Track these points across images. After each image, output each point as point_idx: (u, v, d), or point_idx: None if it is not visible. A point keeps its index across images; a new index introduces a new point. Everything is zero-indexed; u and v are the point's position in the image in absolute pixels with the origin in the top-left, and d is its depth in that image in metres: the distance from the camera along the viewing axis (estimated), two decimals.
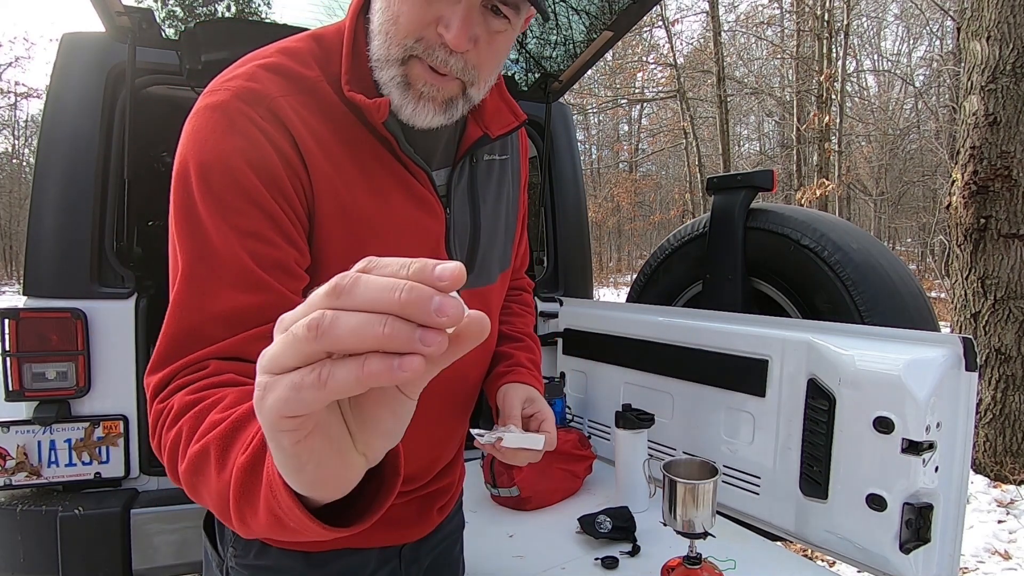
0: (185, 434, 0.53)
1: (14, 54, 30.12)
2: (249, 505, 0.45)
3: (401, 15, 0.66)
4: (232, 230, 0.63)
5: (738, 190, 1.76)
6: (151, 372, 0.61)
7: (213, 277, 0.62)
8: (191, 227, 0.64)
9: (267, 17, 2.07)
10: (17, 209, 22.78)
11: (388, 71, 0.69)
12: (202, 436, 0.51)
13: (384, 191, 0.73)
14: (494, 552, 1.34)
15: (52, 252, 1.65)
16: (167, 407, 0.57)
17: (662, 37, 15.10)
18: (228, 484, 0.46)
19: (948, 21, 13.61)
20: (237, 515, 0.47)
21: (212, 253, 0.63)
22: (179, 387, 0.58)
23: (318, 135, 0.69)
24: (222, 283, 0.62)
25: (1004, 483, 3.51)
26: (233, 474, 0.45)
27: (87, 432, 1.64)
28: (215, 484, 0.48)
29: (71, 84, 1.72)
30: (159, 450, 0.58)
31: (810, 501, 1.26)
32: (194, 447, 0.51)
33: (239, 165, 0.64)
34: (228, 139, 0.65)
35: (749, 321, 1.46)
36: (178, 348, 0.61)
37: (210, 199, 0.64)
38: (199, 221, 0.63)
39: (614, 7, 1.86)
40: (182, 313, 0.62)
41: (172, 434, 0.54)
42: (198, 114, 0.67)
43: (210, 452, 0.49)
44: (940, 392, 1.09)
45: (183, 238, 0.64)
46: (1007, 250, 3.52)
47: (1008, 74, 3.50)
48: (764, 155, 20.71)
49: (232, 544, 0.80)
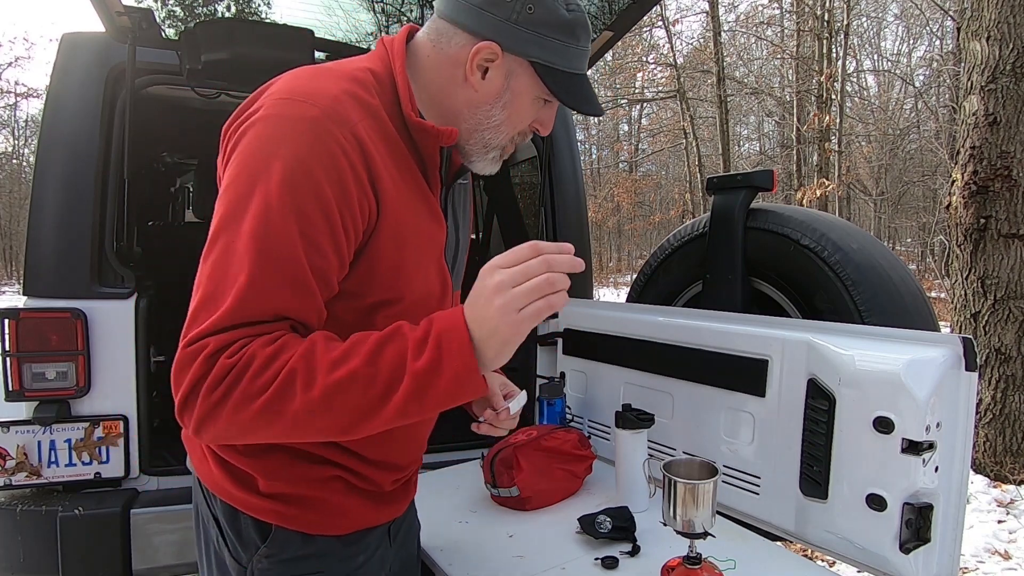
0: (303, 370, 0.67)
1: (14, 54, 30.17)
2: (417, 400, 0.68)
3: (521, 115, 0.88)
4: (300, 236, 0.72)
5: (738, 190, 1.76)
6: (206, 334, 0.69)
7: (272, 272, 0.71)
8: (262, 216, 0.71)
9: (267, 17, 2.07)
10: (17, 209, 22.77)
11: (497, 144, 0.91)
12: (335, 367, 0.67)
13: (418, 208, 0.85)
14: (494, 552, 1.35)
15: (52, 252, 1.65)
16: (243, 357, 0.68)
17: (662, 37, 15.11)
18: (392, 389, 0.68)
19: (948, 21, 13.61)
20: (397, 410, 0.68)
21: (275, 249, 0.71)
22: (246, 343, 0.69)
23: (384, 159, 0.79)
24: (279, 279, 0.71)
25: (1004, 483, 3.51)
26: (407, 380, 0.67)
27: (87, 432, 1.64)
28: (360, 398, 0.68)
29: (71, 84, 1.72)
30: (240, 396, 0.68)
31: (810, 501, 1.26)
32: (331, 376, 0.67)
33: (320, 178, 0.73)
34: (314, 152, 0.73)
35: (749, 321, 1.46)
36: (234, 316, 0.69)
37: (288, 200, 0.71)
38: (270, 215, 0.71)
39: (614, 7, 1.86)
40: (248, 292, 0.70)
41: (271, 374, 0.67)
42: (285, 121, 0.74)
43: (357, 376, 0.67)
44: (940, 392, 1.09)
45: (250, 220, 0.71)
46: (1007, 250, 3.52)
47: (1008, 74, 3.50)
48: (764, 155, 20.72)
49: (265, 544, 0.86)
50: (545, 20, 0.82)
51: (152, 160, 2.70)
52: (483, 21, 0.82)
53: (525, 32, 0.82)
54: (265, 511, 0.85)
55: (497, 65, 0.84)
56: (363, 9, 2.03)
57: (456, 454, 1.99)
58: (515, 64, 0.84)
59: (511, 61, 0.84)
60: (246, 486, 0.85)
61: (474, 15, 0.82)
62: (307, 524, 0.87)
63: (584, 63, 0.88)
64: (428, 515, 1.53)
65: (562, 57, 0.84)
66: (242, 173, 0.73)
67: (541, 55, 0.83)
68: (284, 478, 0.85)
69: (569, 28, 0.83)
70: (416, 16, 2.10)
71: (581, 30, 0.85)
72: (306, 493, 0.86)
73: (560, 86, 0.85)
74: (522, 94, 0.86)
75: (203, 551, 0.95)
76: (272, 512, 0.85)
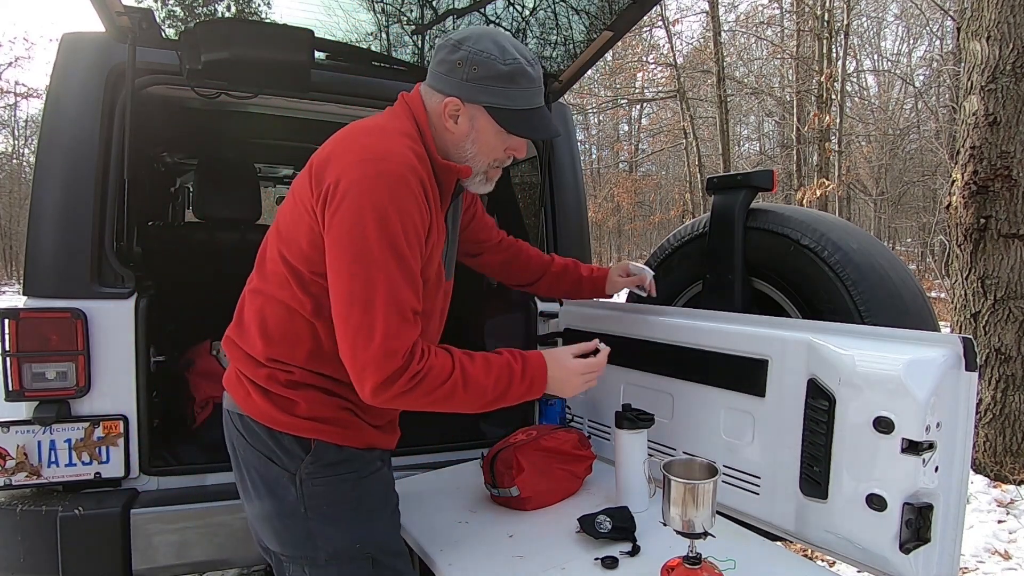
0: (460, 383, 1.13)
1: (14, 54, 30.07)
2: (511, 402, 1.21)
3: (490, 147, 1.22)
4: (401, 262, 1.08)
5: (738, 190, 1.76)
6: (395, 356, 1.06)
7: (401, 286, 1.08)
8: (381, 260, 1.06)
9: (267, 17, 2.06)
10: (17, 209, 22.75)
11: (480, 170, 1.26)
12: (488, 374, 1.17)
13: (437, 225, 1.20)
14: (494, 552, 1.35)
15: (52, 252, 1.65)
16: (425, 366, 1.09)
17: (662, 37, 15.11)
18: (504, 397, 1.19)
19: (948, 21, 13.61)
20: (499, 405, 1.20)
21: (390, 279, 1.07)
22: (423, 353, 1.10)
23: (430, 192, 1.15)
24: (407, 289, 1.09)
25: (1004, 483, 3.51)
26: (512, 395, 1.20)
27: (87, 432, 1.64)
28: (487, 399, 1.17)
29: (71, 84, 1.72)
30: (426, 390, 1.10)
31: (810, 501, 1.26)
32: (475, 386, 1.15)
33: (408, 223, 1.08)
34: (397, 202, 1.07)
35: (749, 321, 1.46)
36: (398, 335, 1.07)
37: (387, 244, 1.06)
38: (386, 258, 1.07)
39: (614, 7, 1.86)
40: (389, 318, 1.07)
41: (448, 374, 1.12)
42: (377, 178, 1.07)
43: (487, 389, 1.16)
44: (940, 392, 1.09)
45: (369, 267, 1.06)
46: (1007, 250, 3.52)
47: (1008, 74, 3.50)
48: (764, 155, 20.72)
49: (310, 454, 1.20)
50: (487, 75, 1.14)
51: (152, 160, 2.70)
52: (446, 83, 1.17)
53: (475, 86, 1.15)
54: (306, 429, 1.20)
55: (462, 113, 1.18)
56: (363, 9, 2.02)
57: (456, 454, 1.99)
58: (475, 110, 1.18)
59: (471, 108, 1.18)
60: (289, 412, 1.19)
61: (441, 80, 1.18)
62: (337, 437, 1.22)
63: (531, 100, 1.19)
64: (428, 515, 1.53)
65: (507, 99, 1.16)
66: (350, 223, 1.06)
67: (490, 100, 1.16)
68: (318, 405, 1.20)
69: (508, 77, 1.15)
70: (416, 16, 2.10)
71: (520, 77, 1.16)
72: (332, 415, 1.22)
73: (508, 121, 1.18)
74: (484, 130, 1.20)
75: (245, 476, 1.25)
76: (312, 429, 1.20)
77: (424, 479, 1.79)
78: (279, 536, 1.24)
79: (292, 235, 1.17)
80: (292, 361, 1.20)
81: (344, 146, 1.13)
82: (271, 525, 1.24)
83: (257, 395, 1.20)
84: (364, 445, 1.27)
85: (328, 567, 1.22)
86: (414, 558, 1.50)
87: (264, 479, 1.22)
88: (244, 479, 1.27)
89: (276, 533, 1.24)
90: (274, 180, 4.20)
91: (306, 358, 1.20)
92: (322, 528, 1.21)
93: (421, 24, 2.11)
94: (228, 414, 1.29)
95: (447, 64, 1.17)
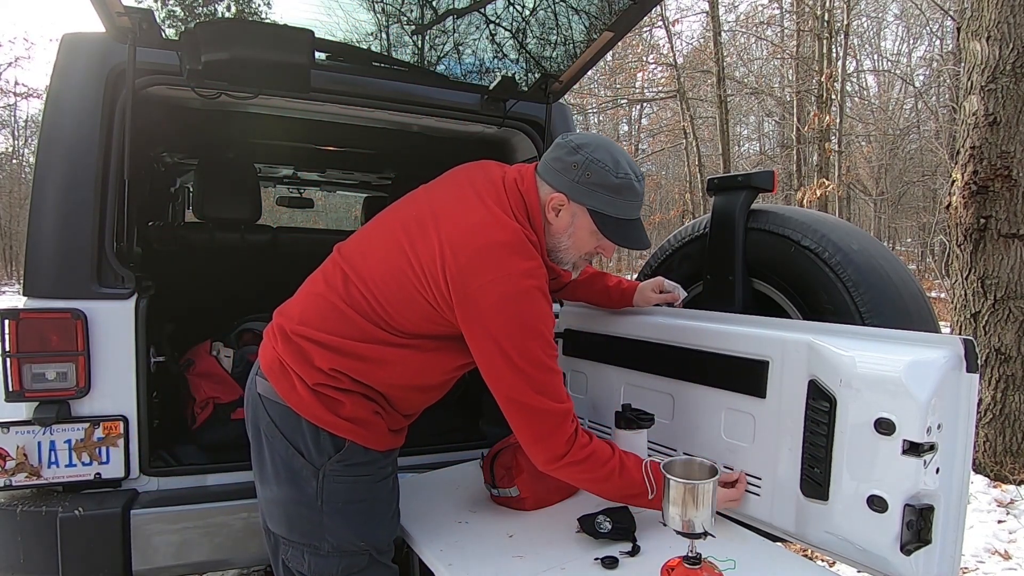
0: (617, 473, 1.29)
1: (14, 54, 30.12)
2: (635, 497, 1.33)
3: (583, 243, 1.35)
4: (548, 359, 1.25)
5: (738, 191, 1.75)
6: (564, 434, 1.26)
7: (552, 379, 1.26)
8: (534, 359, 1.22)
9: (267, 17, 2.06)
10: (17, 209, 22.73)
11: (570, 260, 1.38)
12: (635, 469, 1.32)
13: None
14: (494, 552, 1.35)
15: (52, 252, 1.65)
16: (588, 448, 1.28)
17: (662, 37, 15.09)
18: (640, 489, 1.31)
19: (948, 21, 13.61)
20: (631, 502, 1.36)
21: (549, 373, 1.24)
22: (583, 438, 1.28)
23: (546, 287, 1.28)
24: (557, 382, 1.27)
25: (1004, 483, 3.51)
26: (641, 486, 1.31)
27: (87, 432, 1.64)
28: (624, 494, 1.33)
29: (71, 84, 1.71)
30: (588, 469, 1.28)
31: (811, 502, 1.26)
32: (634, 473, 1.31)
33: (548, 324, 1.25)
34: (538, 307, 1.23)
35: (749, 322, 1.46)
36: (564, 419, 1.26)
37: (539, 341, 1.22)
38: (539, 356, 1.22)
39: (614, 7, 1.86)
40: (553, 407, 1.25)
41: (608, 461, 1.29)
42: (525, 294, 1.21)
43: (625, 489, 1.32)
44: (941, 393, 1.09)
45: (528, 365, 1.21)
46: (1007, 250, 3.51)
47: (1008, 74, 3.50)
48: (764, 155, 20.71)
49: (340, 453, 1.28)
50: (597, 182, 1.27)
51: (152, 160, 2.69)
52: (558, 180, 1.30)
53: (584, 189, 1.27)
54: (345, 429, 1.28)
55: (566, 208, 1.30)
56: (363, 9, 2.02)
57: (456, 454, 1.99)
58: (578, 208, 1.30)
59: (575, 206, 1.30)
60: (334, 411, 1.27)
61: (554, 176, 1.30)
62: (369, 440, 1.31)
63: (631, 212, 1.31)
64: (428, 515, 1.53)
65: (610, 207, 1.28)
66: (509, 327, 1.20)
67: (594, 204, 1.28)
68: (360, 408, 1.29)
69: (616, 189, 1.27)
70: (416, 16, 2.10)
71: (627, 191, 1.28)
72: (367, 417, 1.30)
73: (607, 226, 1.30)
74: (582, 228, 1.32)
75: (267, 461, 1.32)
76: (349, 430, 1.28)
77: (424, 479, 1.79)
78: (290, 522, 1.31)
79: (395, 304, 1.26)
80: (356, 376, 1.28)
81: (481, 259, 1.20)
82: (284, 511, 1.32)
83: (304, 390, 1.27)
84: (384, 448, 1.35)
85: (329, 558, 1.30)
86: (414, 558, 1.50)
87: (287, 467, 1.30)
88: (265, 463, 1.33)
89: (288, 519, 1.31)
90: (274, 180, 4.19)
91: (373, 378, 1.29)
92: (333, 522, 1.29)
93: (421, 24, 2.11)
94: (262, 399, 1.34)
95: (563, 163, 1.29)
